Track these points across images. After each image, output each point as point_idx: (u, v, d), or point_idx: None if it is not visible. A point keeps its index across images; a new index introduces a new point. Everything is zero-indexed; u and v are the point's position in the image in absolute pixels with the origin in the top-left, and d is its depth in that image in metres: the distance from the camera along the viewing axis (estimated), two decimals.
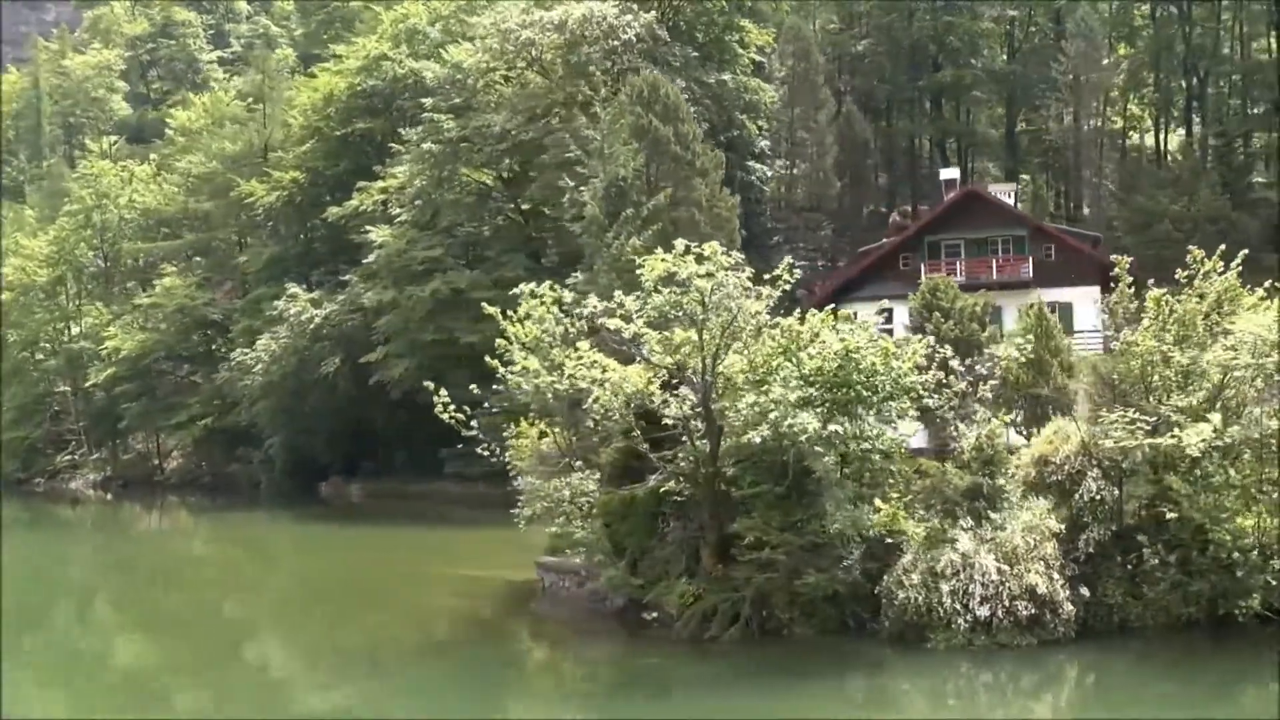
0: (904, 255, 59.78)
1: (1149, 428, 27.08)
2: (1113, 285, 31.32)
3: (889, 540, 28.01)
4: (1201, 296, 28.96)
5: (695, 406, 28.22)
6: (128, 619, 40.76)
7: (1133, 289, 29.20)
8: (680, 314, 28.16)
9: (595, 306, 29.36)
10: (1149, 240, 70.98)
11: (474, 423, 33.22)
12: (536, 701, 26.45)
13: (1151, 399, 28.22)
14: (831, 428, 26.17)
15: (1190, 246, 30.48)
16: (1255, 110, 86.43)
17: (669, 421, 29.50)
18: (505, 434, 36.42)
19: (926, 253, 59.34)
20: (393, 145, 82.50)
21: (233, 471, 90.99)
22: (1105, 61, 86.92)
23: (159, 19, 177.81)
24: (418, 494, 75.89)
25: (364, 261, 74.06)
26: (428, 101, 75.27)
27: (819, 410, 26.66)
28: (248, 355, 79.30)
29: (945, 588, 26.29)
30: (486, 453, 68.47)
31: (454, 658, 30.20)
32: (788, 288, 28.71)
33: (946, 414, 29.17)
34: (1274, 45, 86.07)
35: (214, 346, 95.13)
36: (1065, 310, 52.29)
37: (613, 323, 28.52)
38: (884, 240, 64.48)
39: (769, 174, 78.51)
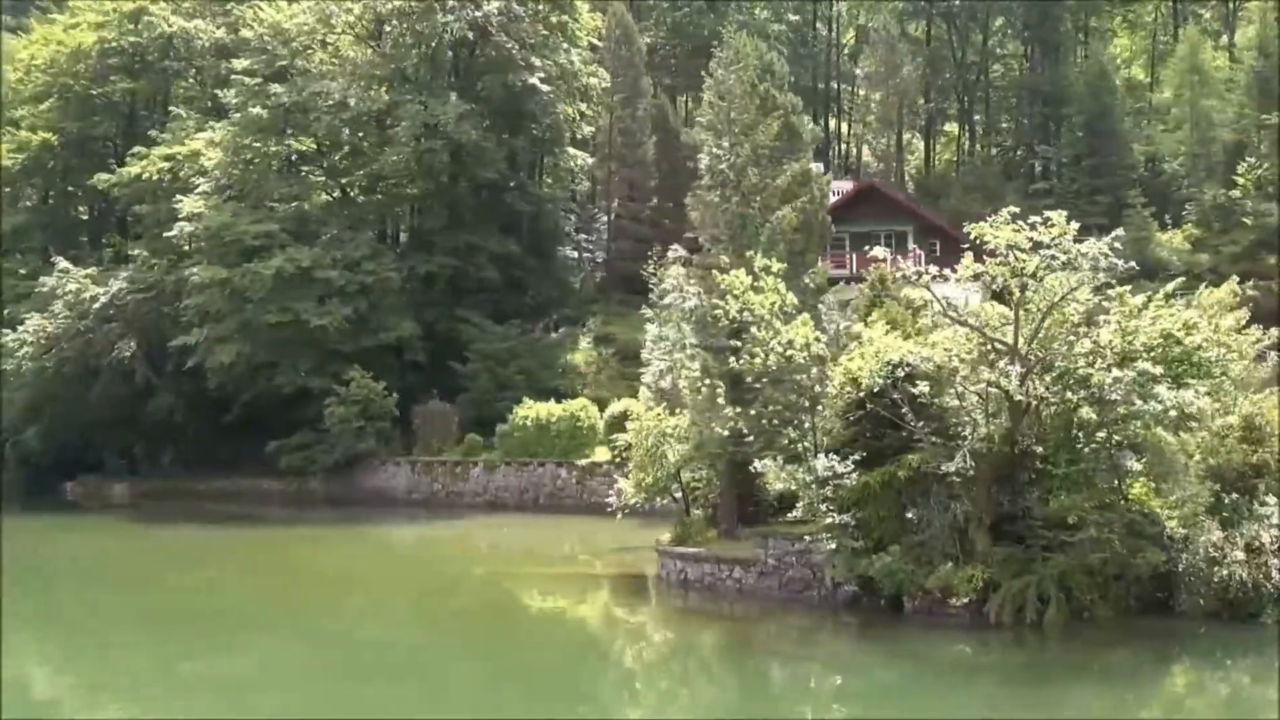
0: None
1: None
2: None
3: (1145, 515, 27.85)
4: None
5: (1015, 382, 26.78)
6: None
7: None
8: (997, 284, 26.89)
9: (920, 273, 27.54)
10: None
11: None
12: (895, 698, 23.98)
13: None
14: (1199, 404, 25.61)
15: None
16: (1009, 124, 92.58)
17: (927, 400, 28.18)
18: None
19: None
20: (173, 109, 75.25)
21: None
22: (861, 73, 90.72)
23: None
24: (211, 493, 68.89)
25: (167, 235, 66.43)
26: (239, 63, 68.71)
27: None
28: (9, 338, 69.54)
29: (1275, 563, 26.32)
30: (337, 446, 63.64)
31: (731, 656, 27.40)
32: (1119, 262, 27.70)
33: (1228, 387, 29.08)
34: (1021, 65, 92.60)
35: None
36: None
37: (942, 290, 26.83)
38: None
39: (589, 161, 76.74)
